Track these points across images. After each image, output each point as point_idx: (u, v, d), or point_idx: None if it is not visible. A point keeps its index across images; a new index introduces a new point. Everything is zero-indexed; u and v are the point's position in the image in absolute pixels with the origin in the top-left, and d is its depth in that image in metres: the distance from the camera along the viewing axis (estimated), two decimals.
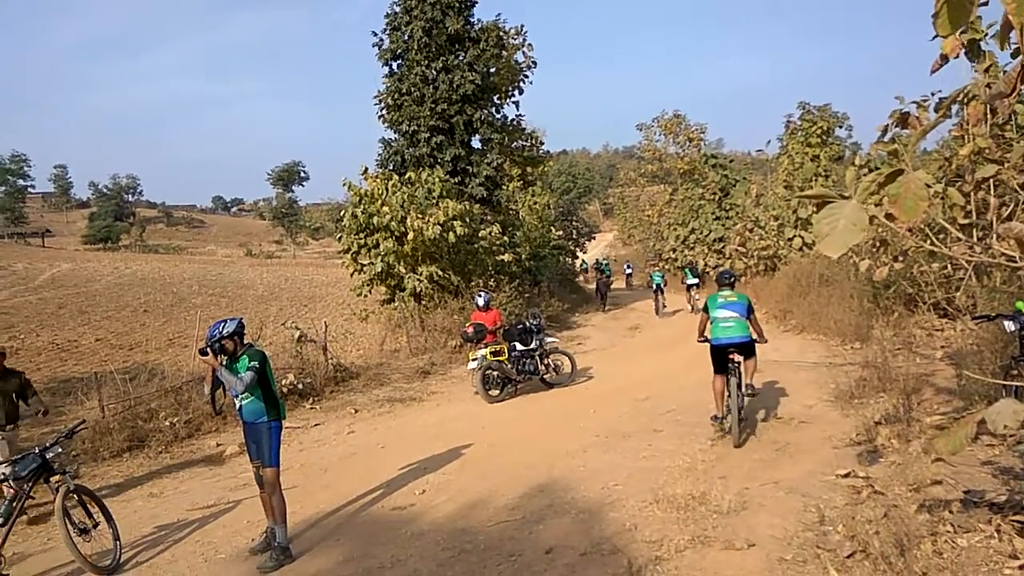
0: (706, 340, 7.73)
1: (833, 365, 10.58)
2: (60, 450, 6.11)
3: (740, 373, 7.51)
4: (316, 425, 10.44)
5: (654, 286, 24.22)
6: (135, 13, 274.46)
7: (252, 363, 5.57)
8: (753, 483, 5.98)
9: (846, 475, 5.74)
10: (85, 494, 5.99)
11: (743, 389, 7.54)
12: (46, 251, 56.81)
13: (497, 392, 11.26)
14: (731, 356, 7.44)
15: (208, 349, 5.57)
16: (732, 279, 8.16)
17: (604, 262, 31.62)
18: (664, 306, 23.77)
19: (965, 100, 6.50)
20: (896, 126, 7.27)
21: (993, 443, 5.58)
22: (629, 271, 39.51)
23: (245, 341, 5.83)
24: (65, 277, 33.68)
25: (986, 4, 5.00)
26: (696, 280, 23.65)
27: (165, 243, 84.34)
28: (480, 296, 12.64)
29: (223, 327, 5.68)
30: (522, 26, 27.05)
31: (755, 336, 7.69)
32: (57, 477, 5.86)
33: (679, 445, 7.50)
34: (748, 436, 7.51)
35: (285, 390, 11.44)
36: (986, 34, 7.25)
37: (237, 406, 5.71)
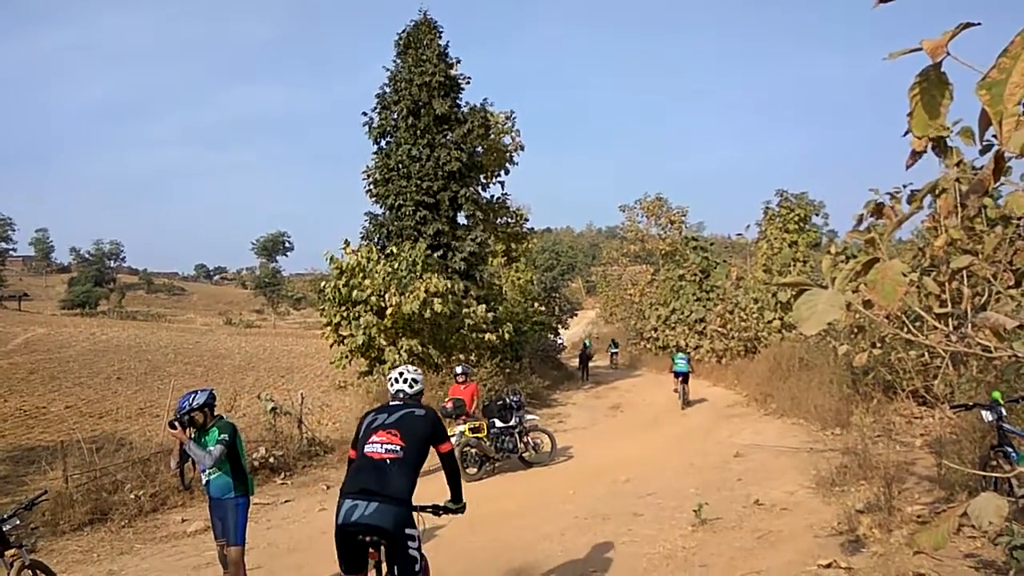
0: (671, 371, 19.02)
1: (814, 451, 10.51)
2: (18, 522, 5.85)
3: (685, 389, 18.39)
4: (286, 501, 10.13)
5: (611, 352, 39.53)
6: (129, 83, 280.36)
7: (222, 436, 5.45)
8: (734, 572, 5.84)
9: (828, 565, 5.62)
10: (41, 570, 5.71)
11: (686, 397, 18.42)
12: (22, 315, 56.12)
13: (475, 470, 11.04)
14: (681, 377, 18.32)
15: (176, 422, 5.43)
16: (682, 348, 22.50)
17: (587, 341, 37.21)
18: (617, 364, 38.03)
19: (937, 193, 6.71)
20: (871, 216, 7.46)
21: (975, 535, 5.51)
22: (615, 350, 39.37)
23: (216, 413, 5.70)
24: (39, 342, 33.15)
25: (952, 101, 5.25)
26: (616, 349, 38.97)
27: (144, 310, 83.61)
28: (459, 367, 12.57)
29: (193, 399, 5.55)
30: (511, 111, 27.97)
31: (692, 368, 19.17)
32: (12, 551, 5.58)
33: (659, 530, 7.35)
34: (689, 408, 17.97)
35: (256, 464, 11.15)
36: (951, 131, 7.55)
37: (204, 481, 5.53)
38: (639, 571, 6.05)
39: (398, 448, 3.94)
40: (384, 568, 3.94)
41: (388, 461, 3.91)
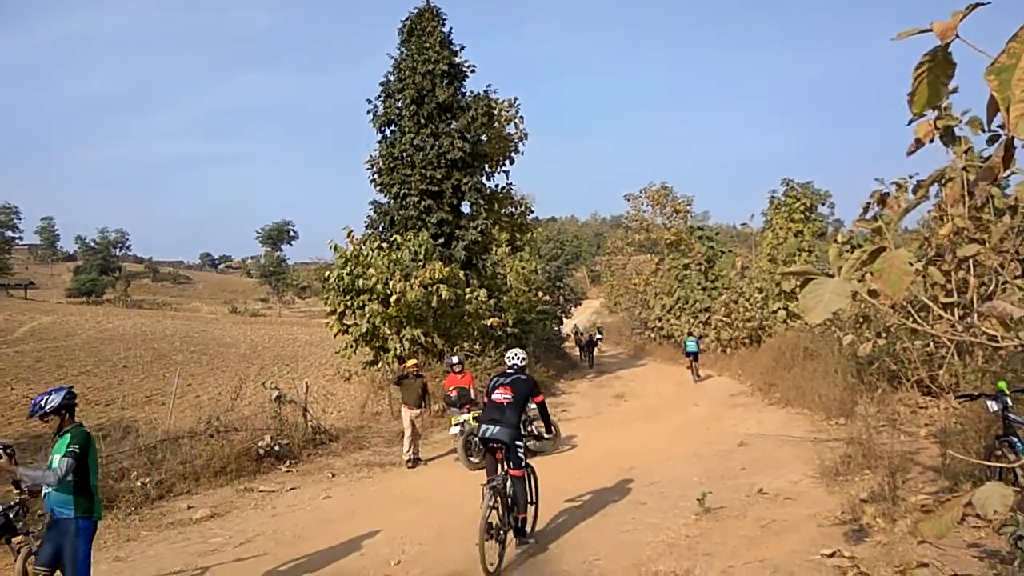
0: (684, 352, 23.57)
1: (818, 440, 10.50)
2: (25, 509, 5.89)
3: (696, 367, 22.89)
4: (291, 489, 10.17)
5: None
6: (134, 71, 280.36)
7: (72, 447, 4.74)
8: (738, 561, 5.85)
9: (831, 555, 5.63)
10: None
11: (696, 373, 22.93)
12: (28, 303, 56.31)
13: (479, 459, 11.04)
14: (692, 356, 22.98)
15: (2, 452, 4.79)
16: (692, 333, 25.53)
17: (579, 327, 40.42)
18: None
19: (943, 181, 6.67)
20: (877, 205, 7.43)
21: (979, 525, 5.51)
22: (599, 337, 40.37)
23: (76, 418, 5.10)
24: (45, 330, 33.26)
25: (955, 92, 5.21)
26: (601, 336, 40.78)
27: (150, 298, 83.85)
28: (453, 357, 12.56)
29: (47, 400, 4.87)
30: (515, 99, 27.78)
31: (701, 349, 23.96)
32: (20, 538, 5.63)
33: (663, 519, 7.36)
34: (701, 383, 21.52)
35: (261, 452, 11.17)
36: (960, 120, 7.51)
37: (43, 492, 4.89)
38: (642, 559, 6.07)
39: (510, 397, 6.79)
40: (505, 465, 6.62)
41: (505, 404, 6.74)
